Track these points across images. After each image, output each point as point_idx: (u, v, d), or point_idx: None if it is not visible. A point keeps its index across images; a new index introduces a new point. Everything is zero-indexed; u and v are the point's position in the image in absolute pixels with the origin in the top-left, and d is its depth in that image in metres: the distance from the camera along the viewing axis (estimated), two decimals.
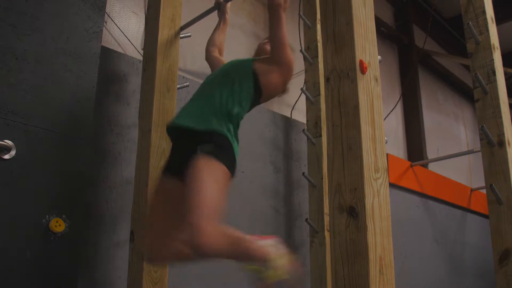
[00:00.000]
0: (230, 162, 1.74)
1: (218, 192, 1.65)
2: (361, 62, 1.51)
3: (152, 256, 1.80)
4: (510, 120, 2.46)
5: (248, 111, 1.98)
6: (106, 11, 2.61)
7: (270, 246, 1.77)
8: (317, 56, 3.27)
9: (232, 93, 1.86)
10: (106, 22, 2.66)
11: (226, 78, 1.91)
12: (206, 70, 3.18)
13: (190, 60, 3.08)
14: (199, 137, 1.74)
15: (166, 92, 2.31)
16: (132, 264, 2.14)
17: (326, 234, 2.95)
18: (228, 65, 2.03)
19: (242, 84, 1.89)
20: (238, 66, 1.97)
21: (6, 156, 1.85)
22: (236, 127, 1.87)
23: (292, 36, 3.62)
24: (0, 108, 1.87)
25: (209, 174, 1.65)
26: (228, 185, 1.73)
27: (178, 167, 1.78)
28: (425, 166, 5.04)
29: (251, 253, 1.69)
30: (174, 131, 1.86)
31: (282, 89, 2.05)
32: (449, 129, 6.08)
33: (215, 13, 2.48)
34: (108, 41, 2.67)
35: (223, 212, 1.65)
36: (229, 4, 2.47)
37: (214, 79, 1.97)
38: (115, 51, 2.66)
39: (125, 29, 2.79)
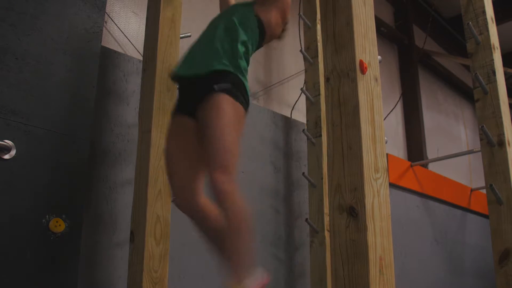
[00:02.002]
0: (245, 99, 1.78)
1: (238, 135, 1.70)
2: (361, 62, 1.51)
3: (179, 203, 1.80)
4: (510, 120, 2.46)
5: (253, 53, 2.03)
6: (106, 11, 2.61)
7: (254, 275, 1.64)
8: (317, 56, 3.27)
9: (239, 36, 1.88)
10: (106, 22, 2.66)
11: (232, 22, 1.93)
12: None
13: None
14: (216, 77, 1.75)
15: (166, 92, 2.31)
16: (132, 264, 2.14)
17: (326, 234, 2.95)
18: (233, 10, 2.05)
19: (247, 28, 1.93)
20: (242, 11, 2.00)
21: (6, 156, 1.85)
22: (246, 67, 1.90)
23: (292, 36, 3.62)
24: (0, 108, 1.87)
25: (229, 116, 1.68)
26: (244, 122, 1.78)
27: (191, 105, 1.79)
28: (425, 166, 5.04)
29: (244, 247, 1.61)
30: (189, 76, 1.85)
31: (282, 26, 2.11)
32: (449, 129, 6.08)
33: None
34: (108, 41, 2.67)
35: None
36: None
37: (220, 22, 1.98)
38: (115, 51, 2.66)
39: (125, 29, 2.79)
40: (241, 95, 1.76)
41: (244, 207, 1.61)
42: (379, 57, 1.62)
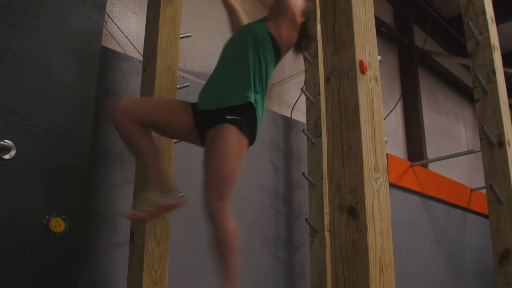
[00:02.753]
0: (252, 134, 1.93)
1: (238, 167, 1.87)
2: (361, 62, 1.51)
3: (115, 115, 1.89)
4: (510, 120, 2.46)
5: (272, 71, 2.11)
6: (106, 11, 2.61)
7: None
8: (317, 56, 3.27)
9: (258, 61, 1.98)
10: (106, 22, 2.66)
11: (248, 47, 2.00)
12: (206, 70, 3.18)
13: (190, 60, 3.08)
14: (230, 109, 1.90)
15: (166, 92, 2.31)
16: (132, 264, 2.14)
17: (326, 234, 2.95)
18: (247, 33, 2.09)
19: (264, 49, 2.01)
20: (256, 33, 2.05)
21: (6, 156, 1.85)
22: (264, 92, 2.02)
23: None
24: (0, 108, 1.87)
25: (232, 147, 1.84)
26: (244, 153, 1.94)
27: (203, 125, 1.95)
28: (425, 166, 5.04)
29: (232, 267, 1.81)
30: (212, 110, 1.97)
31: (296, 34, 2.12)
32: (449, 129, 6.08)
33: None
34: (108, 41, 2.67)
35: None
36: None
37: (237, 48, 2.06)
38: (115, 51, 2.66)
39: (125, 29, 2.79)
40: (248, 128, 1.90)
41: (234, 233, 1.81)
42: (379, 57, 1.62)
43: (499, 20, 2.87)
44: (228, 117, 1.86)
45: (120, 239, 2.42)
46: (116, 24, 2.75)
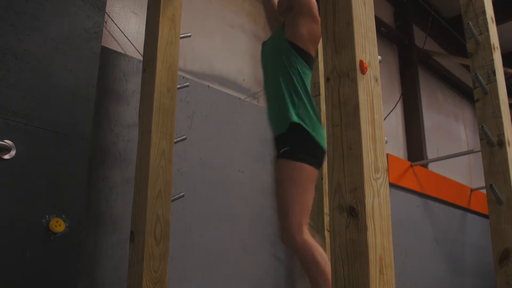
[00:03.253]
0: (311, 154, 1.88)
1: (301, 195, 1.82)
2: (361, 62, 1.51)
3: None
4: (510, 120, 2.46)
5: (311, 76, 2.07)
6: (106, 11, 2.61)
7: None
8: (317, 56, 3.26)
9: (289, 77, 1.95)
10: (106, 22, 2.66)
11: (275, 68, 1.99)
12: (206, 70, 3.18)
13: (190, 60, 3.08)
14: (281, 138, 1.91)
15: (166, 92, 2.31)
16: (132, 264, 2.14)
17: (326, 234, 2.95)
18: (272, 52, 2.07)
19: (290, 61, 1.97)
20: (279, 49, 2.01)
21: (6, 156, 1.85)
22: (308, 102, 1.95)
23: None
24: (0, 108, 1.87)
25: (292, 182, 1.82)
26: (314, 177, 1.88)
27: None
28: (425, 166, 5.04)
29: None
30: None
31: (318, 26, 2.04)
32: (449, 129, 6.08)
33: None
34: (108, 41, 2.67)
35: (310, 206, 1.86)
36: None
37: (269, 71, 2.06)
38: (115, 51, 2.66)
39: (125, 29, 2.79)
40: (303, 152, 1.86)
41: (319, 256, 1.81)
42: (379, 57, 1.62)
43: (499, 20, 2.87)
44: (280, 151, 1.87)
45: (120, 239, 2.42)
46: (116, 24, 2.75)
